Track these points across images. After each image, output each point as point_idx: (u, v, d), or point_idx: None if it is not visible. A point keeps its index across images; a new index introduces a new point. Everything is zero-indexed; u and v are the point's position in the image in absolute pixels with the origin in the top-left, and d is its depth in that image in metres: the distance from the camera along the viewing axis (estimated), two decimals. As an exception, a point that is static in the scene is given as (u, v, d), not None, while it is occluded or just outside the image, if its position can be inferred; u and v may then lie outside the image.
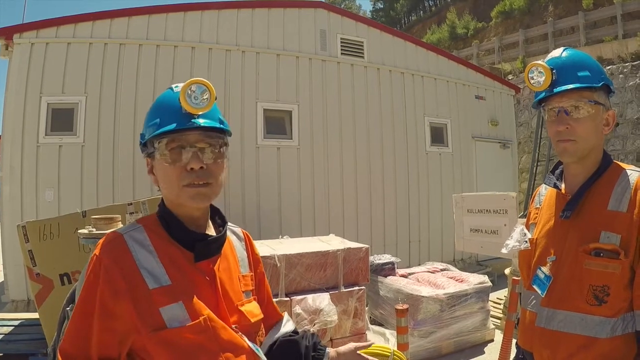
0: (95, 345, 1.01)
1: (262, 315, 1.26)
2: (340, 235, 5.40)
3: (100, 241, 1.09)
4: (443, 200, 8.18)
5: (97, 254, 1.06)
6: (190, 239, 1.12)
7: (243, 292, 1.21)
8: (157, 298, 1.03)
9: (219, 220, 1.25)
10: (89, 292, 1.03)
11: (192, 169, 1.07)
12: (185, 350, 1.03)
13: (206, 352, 1.05)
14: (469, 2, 25.31)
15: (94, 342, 1.01)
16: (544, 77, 1.41)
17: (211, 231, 1.20)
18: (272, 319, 1.34)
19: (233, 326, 1.13)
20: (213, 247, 1.16)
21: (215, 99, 1.11)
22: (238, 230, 1.34)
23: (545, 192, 1.61)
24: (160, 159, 1.09)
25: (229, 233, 1.27)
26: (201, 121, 1.08)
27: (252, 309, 1.21)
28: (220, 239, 1.19)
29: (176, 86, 1.12)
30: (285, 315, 1.38)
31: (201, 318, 1.06)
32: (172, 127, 1.06)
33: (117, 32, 6.41)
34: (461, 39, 22.69)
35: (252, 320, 1.19)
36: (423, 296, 4.34)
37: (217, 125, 1.11)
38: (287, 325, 1.35)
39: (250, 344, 1.15)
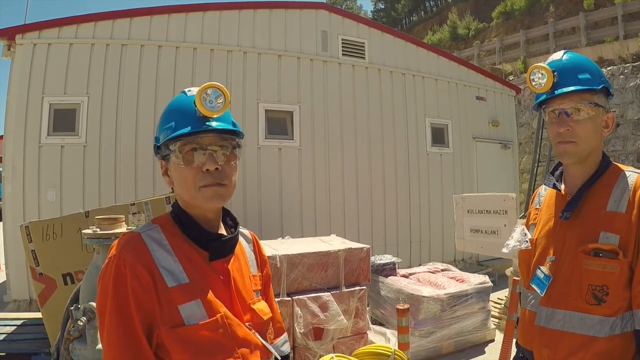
0: (145, 342, 1.01)
1: (271, 314, 1.29)
2: (342, 236, 5.42)
3: (118, 241, 1.11)
4: (444, 200, 8.18)
5: (117, 253, 1.06)
6: (204, 239, 1.15)
7: (254, 291, 1.25)
8: (176, 296, 1.06)
9: (230, 221, 1.28)
10: (119, 291, 1.02)
11: (207, 170, 1.09)
12: (203, 347, 1.05)
13: (222, 349, 1.08)
14: (470, 2, 25.32)
15: (143, 339, 1.02)
16: (545, 79, 1.43)
17: (222, 232, 1.23)
18: (272, 326, 1.34)
19: (246, 324, 1.16)
20: (227, 247, 1.19)
21: (229, 102, 1.14)
22: (246, 232, 1.37)
23: (544, 193, 1.63)
24: (176, 161, 1.11)
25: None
26: (215, 124, 1.11)
27: (263, 308, 1.25)
28: (234, 240, 1.22)
29: (189, 90, 1.15)
30: (284, 336, 1.39)
31: (218, 315, 1.09)
32: (188, 130, 1.09)
33: (119, 32, 6.42)
34: (462, 40, 22.69)
35: (264, 318, 1.23)
36: (424, 296, 4.36)
37: (231, 127, 1.14)
38: (284, 347, 1.36)
39: (263, 341, 1.19)
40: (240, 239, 1.31)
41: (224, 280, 1.15)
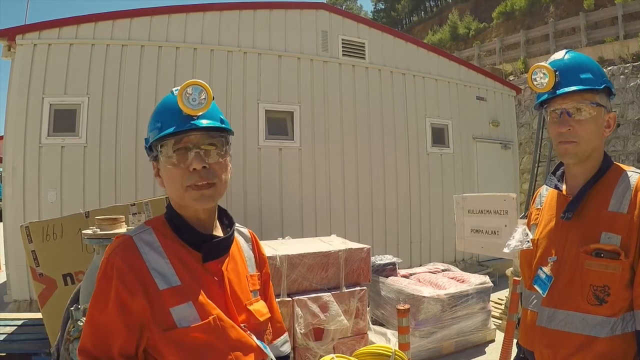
0: (117, 342, 1.03)
1: (269, 314, 1.27)
2: (342, 236, 5.41)
3: (110, 244, 1.11)
4: (444, 200, 8.18)
5: (106, 257, 1.08)
6: (197, 240, 1.13)
7: (251, 291, 1.23)
8: (168, 298, 1.05)
9: (226, 221, 1.26)
10: (103, 291, 1.05)
11: (194, 169, 1.07)
12: (195, 350, 1.05)
13: (216, 351, 1.07)
14: (470, 2, 25.32)
15: (115, 339, 1.03)
16: (547, 79, 1.42)
17: (218, 232, 1.21)
18: (272, 325, 1.34)
19: (242, 325, 1.14)
20: (220, 248, 1.17)
21: (213, 98, 1.12)
22: (245, 230, 1.35)
23: (546, 193, 1.62)
24: (164, 162, 1.10)
25: (236, 234, 1.28)
26: (204, 122, 1.09)
27: (260, 308, 1.23)
28: (227, 240, 1.20)
29: (176, 89, 1.12)
30: (284, 336, 1.38)
31: (210, 318, 1.07)
32: (172, 130, 1.07)
33: (120, 33, 6.42)
34: (462, 40, 22.70)
35: (261, 319, 1.21)
36: (424, 296, 4.35)
37: (218, 124, 1.12)
38: (284, 347, 1.36)
39: (259, 342, 1.17)
40: (238, 237, 1.29)
41: (218, 282, 1.13)
